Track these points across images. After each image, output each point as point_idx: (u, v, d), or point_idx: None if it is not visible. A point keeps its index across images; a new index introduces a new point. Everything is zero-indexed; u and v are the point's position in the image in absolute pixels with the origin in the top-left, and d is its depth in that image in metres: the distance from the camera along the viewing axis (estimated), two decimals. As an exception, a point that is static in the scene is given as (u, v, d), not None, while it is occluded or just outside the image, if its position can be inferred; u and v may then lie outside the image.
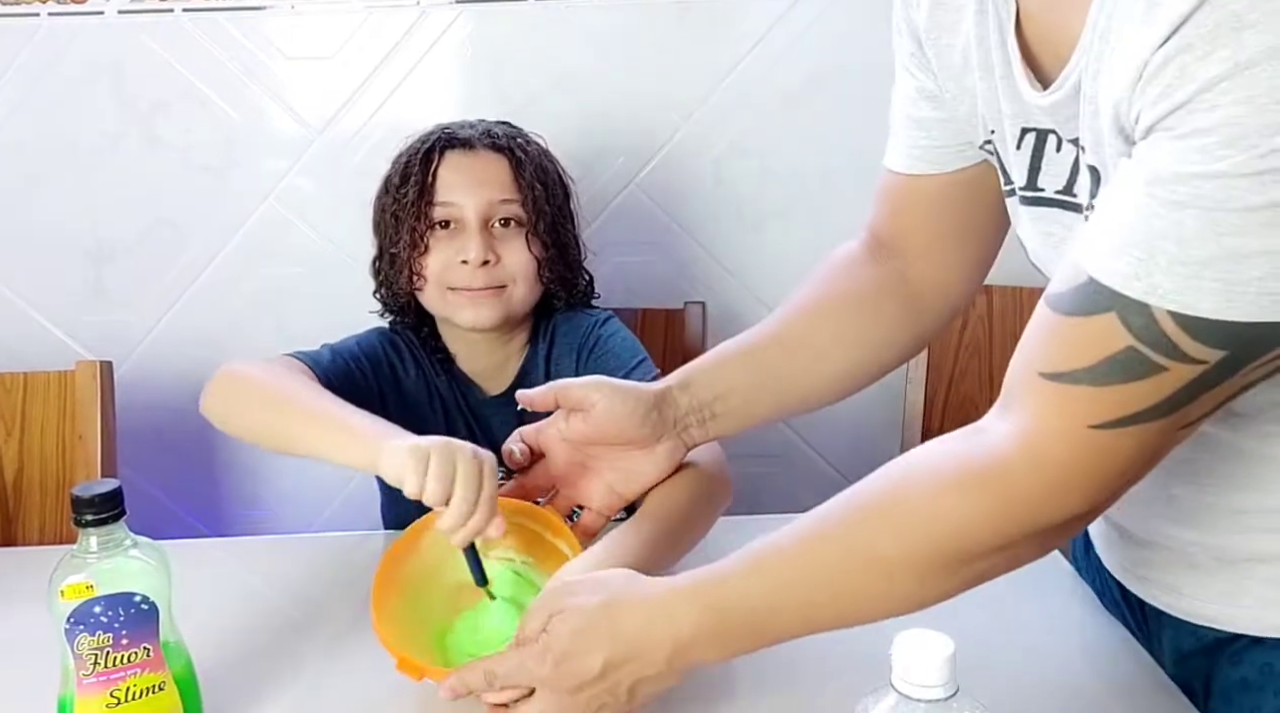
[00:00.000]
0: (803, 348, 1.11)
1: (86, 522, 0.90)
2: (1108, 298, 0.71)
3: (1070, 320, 0.74)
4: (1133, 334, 0.70)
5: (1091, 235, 0.73)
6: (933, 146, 1.03)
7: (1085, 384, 0.73)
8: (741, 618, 0.87)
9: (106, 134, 1.87)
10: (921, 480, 0.82)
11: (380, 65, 1.87)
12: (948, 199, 1.06)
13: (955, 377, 1.91)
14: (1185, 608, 0.97)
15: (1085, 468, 0.76)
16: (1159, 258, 0.68)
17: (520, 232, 1.45)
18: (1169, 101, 0.67)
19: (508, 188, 1.44)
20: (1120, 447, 0.74)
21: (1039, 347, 0.77)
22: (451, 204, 1.43)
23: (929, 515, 0.81)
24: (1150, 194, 0.68)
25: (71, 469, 1.62)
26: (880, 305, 1.12)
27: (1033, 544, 0.81)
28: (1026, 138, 0.88)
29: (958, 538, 0.80)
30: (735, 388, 1.11)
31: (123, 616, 0.91)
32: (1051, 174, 0.87)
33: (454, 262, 1.42)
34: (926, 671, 0.70)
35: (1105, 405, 0.73)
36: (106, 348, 1.89)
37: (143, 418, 1.92)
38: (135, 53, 1.84)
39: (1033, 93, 0.83)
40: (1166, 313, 0.68)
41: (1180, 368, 0.70)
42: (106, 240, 1.92)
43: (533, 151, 1.48)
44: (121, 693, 0.93)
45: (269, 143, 1.90)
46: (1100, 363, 0.72)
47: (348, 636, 1.16)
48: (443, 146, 1.45)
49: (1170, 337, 0.69)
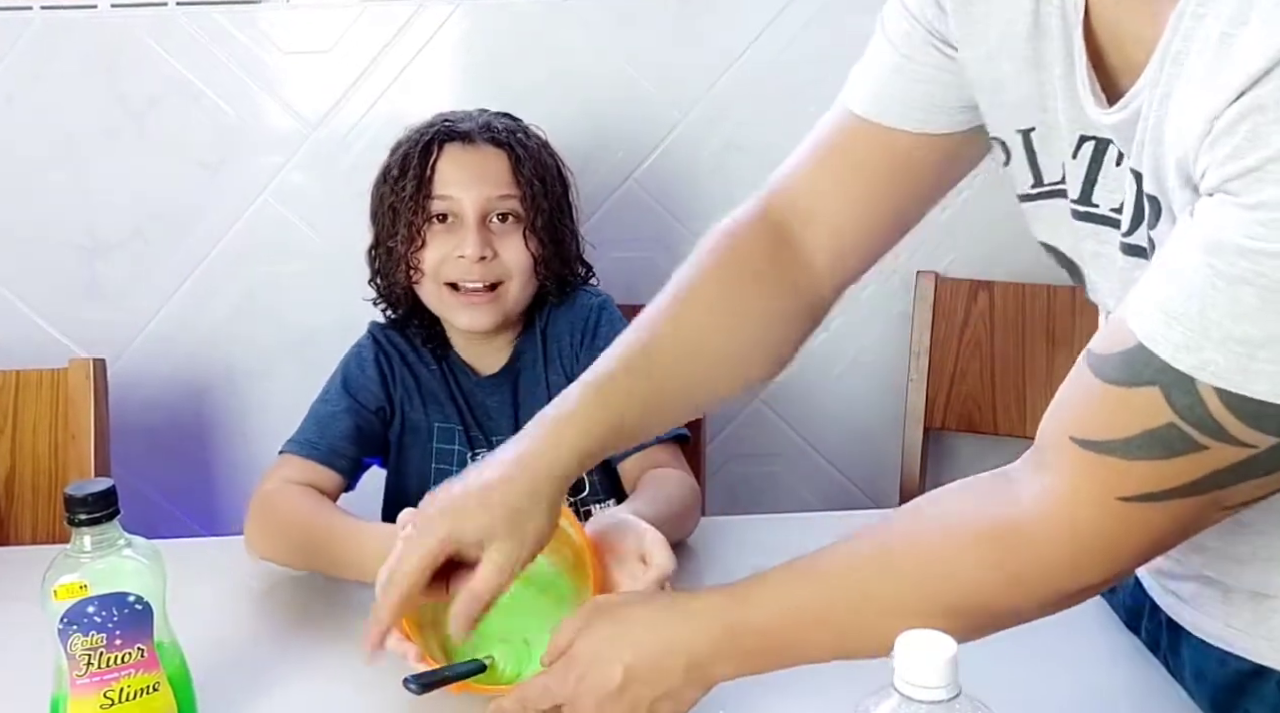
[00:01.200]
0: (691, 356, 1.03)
1: (80, 521, 0.90)
2: (1154, 369, 0.68)
3: (1112, 389, 0.72)
4: (1175, 410, 0.68)
5: (1144, 296, 0.71)
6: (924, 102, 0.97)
7: (1119, 455, 0.71)
8: (757, 642, 0.88)
9: (100, 129, 1.87)
10: (944, 530, 0.82)
11: (377, 59, 1.86)
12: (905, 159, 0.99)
13: (957, 375, 1.92)
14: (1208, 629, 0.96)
15: (1108, 540, 0.75)
16: (1213, 332, 0.66)
17: (518, 227, 1.46)
18: (1238, 164, 0.64)
19: (506, 184, 1.45)
20: (1148, 521, 0.73)
21: (1077, 410, 0.75)
22: (449, 199, 1.43)
23: (941, 573, 0.81)
24: (1209, 264, 0.66)
25: (64, 468, 1.62)
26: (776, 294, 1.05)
27: (1043, 608, 0.81)
28: (1085, 147, 0.84)
29: (968, 595, 0.80)
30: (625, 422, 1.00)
31: (116, 616, 0.91)
32: (1107, 190, 0.84)
33: (451, 256, 1.43)
34: (928, 672, 0.70)
35: (1138, 479, 0.71)
36: (100, 345, 1.88)
37: (136, 416, 1.92)
38: (129, 47, 1.84)
39: (1094, 106, 0.80)
40: (1214, 391, 0.66)
41: (1222, 449, 0.68)
42: (100, 236, 1.92)
43: (532, 146, 1.49)
44: (115, 694, 0.93)
45: (264, 138, 1.89)
46: (1138, 436, 0.70)
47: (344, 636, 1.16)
48: (442, 139, 1.46)
49: (1215, 417, 0.67)
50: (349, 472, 1.42)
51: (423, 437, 1.49)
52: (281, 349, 1.96)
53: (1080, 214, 0.88)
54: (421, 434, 1.49)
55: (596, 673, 0.89)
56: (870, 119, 0.99)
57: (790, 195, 1.06)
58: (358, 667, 1.11)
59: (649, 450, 1.40)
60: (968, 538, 0.80)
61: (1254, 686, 0.93)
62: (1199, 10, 0.67)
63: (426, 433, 1.49)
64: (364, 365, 1.48)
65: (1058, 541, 0.76)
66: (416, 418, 1.49)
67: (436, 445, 1.49)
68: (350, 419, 1.44)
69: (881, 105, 0.98)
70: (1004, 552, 0.78)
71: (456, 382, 1.51)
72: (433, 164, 1.44)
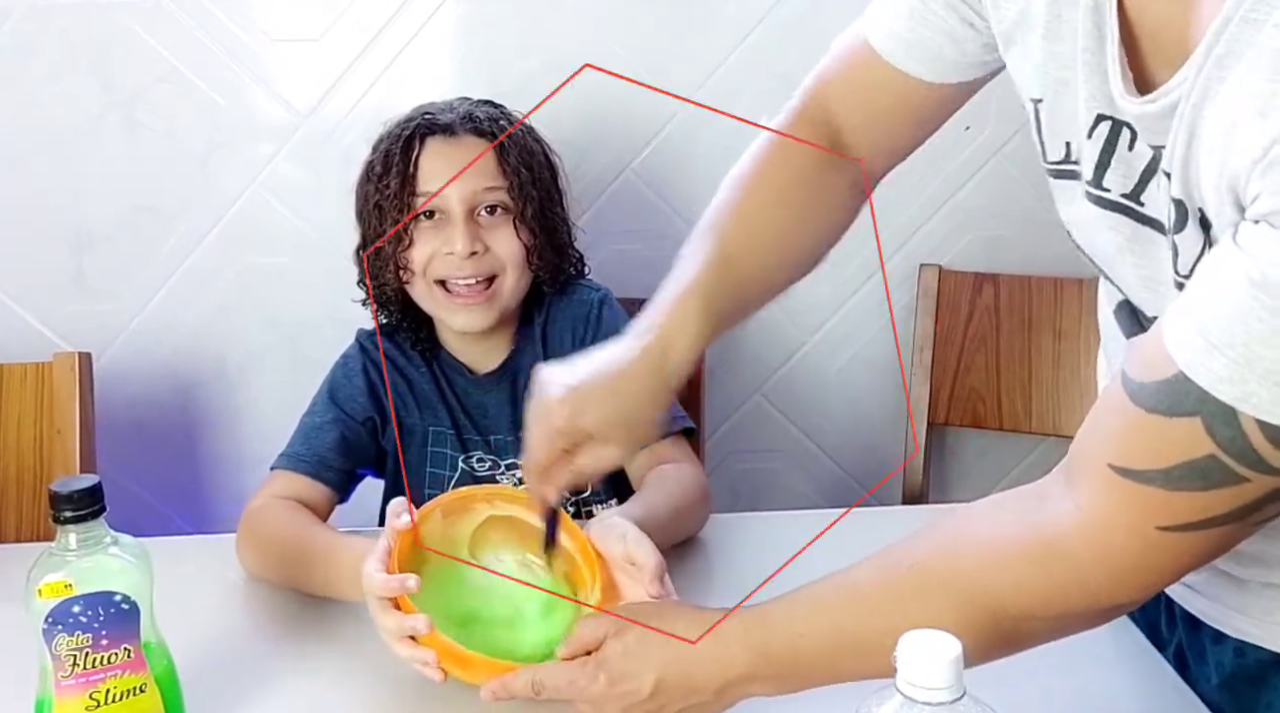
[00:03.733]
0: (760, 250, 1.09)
1: (65, 518, 0.90)
2: (1195, 400, 0.68)
3: (1151, 418, 0.71)
4: (1217, 443, 0.68)
5: (1185, 321, 0.70)
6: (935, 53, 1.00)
7: (1158, 486, 0.71)
8: (788, 668, 0.89)
9: (86, 118, 1.86)
10: (980, 547, 0.83)
11: (368, 47, 1.86)
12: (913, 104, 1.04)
13: (961, 370, 1.91)
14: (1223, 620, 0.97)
15: (1148, 564, 0.76)
16: (1256, 365, 0.65)
17: (508, 218, 1.45)
18: None
19: (492, 175, 1.44)
20: (1187, 547, 0.74)
21: (1114, 437, 0.75)
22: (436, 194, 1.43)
23: (983, 586, 0.81)
24: (1254, 296, 0.65)
25: (49, 464, 1.62)
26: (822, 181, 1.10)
27: (1078, 623, 0.82)
28: (1100, 127, 0.83)
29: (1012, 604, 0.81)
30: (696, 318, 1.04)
31: (102, 615, 0.91)
32: (1119, 174, 0.83)
33: (440, 253, 1.43)
34: (932, 673, 0.70)
35: (1177, 510, 0.72)
36: (85, 339, 1.88)
37: (123, 411, 1.92)
38: (115, 34, 1.83)
39: (1123, 91, 0.79)
40: (1256, 424, 0.66)
41: (1263, 480, 0.69)
42: (86, 228, 1.91)
43: (516, 133, 1.48)
44: (101, 695, 0.92)
45: (253, 128, 1.89)
46: (1177, 467, 0.70)
47: (335, 636, 1.16)
48: (423, 133, 1.45)
49: (1257, 450, 0.67)
50: (339, 485, 1.42)
51: (417, 441, 1.50)
52: (272, 343, 1.96)
53: (1092, 196, 0.88)
54: (416, 439, 1.49)
55: (628, 680, 0.91)
56: (885, 57, 1.02)
57: (822, 102, 1.11)
58: (347, 667, 1.11)
59: (655, 447, 1.40)
60: (1007, 555, 0.81)
61: (1274, 676, 0.93)
62: (1253, 16, 0.66)
63: (421, 437, 1.49)
64: (351, 376, 1.48)
65: (1095, 563, 0.77)
66: (411, 423, 1.49)
67: (431, 450, 1.49)
68: (337, 430, 1.43)
69: (897, 45, 1.01)
70: (1048, 569, 0.79)
71: (448, 383, 1.51)
72: (415, 160, 1.43)
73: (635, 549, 1.07)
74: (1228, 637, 0.97)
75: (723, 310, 1.04)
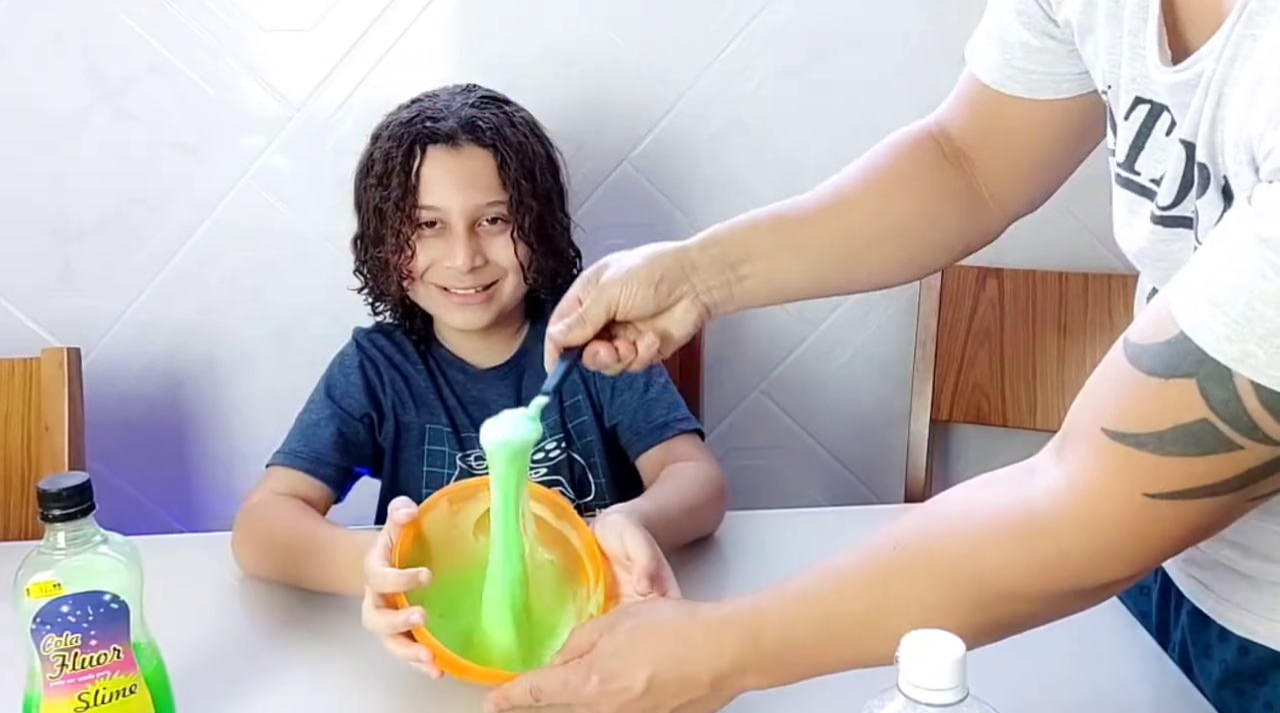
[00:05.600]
0: (851, 229, 1.11)
1: (53, 517, 0.90)
2: (1193, 361, 0.68)
3: (1147, 380, 0.71)
4: (1210, 407, 0.68)
5: (1190, 283, 0.70)
6: (1027, 70, 1.01)
7: (1150, 450, 0.71)
8: (780, 655, 0.90)
9: (74, 109, 1.86)
10: (963, 533, 0.82)
11: (362, 37, 1.85)
12: (1031, 126, 1.05)
13: (965, 365, 1.91)
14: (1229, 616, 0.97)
15: (1136, 535, 0.75)
16: (1257, 324, 0.65)
17: (507, 228, 1.47)
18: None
19: (493, 189, 1.45)
20: (1176, 518, 0.73)
21: (1109, 401, 0.75)
22: (436, 208, 1.44)
23: (965, 565, 0.81)
24: (1261, 254, 0.65)
25: (37, 462, 1.62)
26: (941, 204, 1.12)
27: (1067, 602, 0.81)
28: (1138, 109, 0.84)
29: (995, 581, 0.80)
30: (765, 252, 1.11)
31: (92, 615, 0.91)
32: (1153, 159, 0.84)
33: (440, 262, 1.45)
34: (935, 673, 0.70)
35: (1168, 476, 0.71)
36: (74, 334, 1.88)
37: (112, 408, 1.92)
38: (103, 23, 1.83)
39: (1159, 64, 0.79)
40: (1251, 387, 0.66)
41: (1257, 449, 0.68)
42: (74, 221, 1.91)
43: (517, 139, 1.47)
44: (90, 696, 0.93)
45: (245, 119, 1.89)
46: (1170, 431, 0.70)
47: (329, 635, 1.16)
48: (424, 142, 1.45)
49: (1251, 415, 0.67)
50: (336, 482, 1.43)
51: (415, 439, 1.50)
52: (263, 338, 1.96)
53: (1121, 179, 0.88)
54: (414, 436, 1.50)
55: (620, 679, 0.92)
56: (995, 88, 1.04)
57: (950, 135, 1.13)
58: (340, 667, 1.12)
59: (668, 444, 1.43)
60: (988, 532, 0.81)
61: (1275, 675, 0.94)
62: None
63: (419, 435, 1.50)
64: (347, 373, 1.49)
65: (1079, 534, 0.76)
66: (409, 420, 1.50)
67: (428, 448, 1.50)
68: (334, 426, 1.45)
69: (1002, 77, 1.03)
70: (1032, 543, 0.78)
71: (446, 381, 1.52)
72: (417, 171, 1.43)
73: (630, 544, 1.07)
74: (1232, 635, 0.97)
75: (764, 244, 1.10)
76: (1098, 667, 1.08)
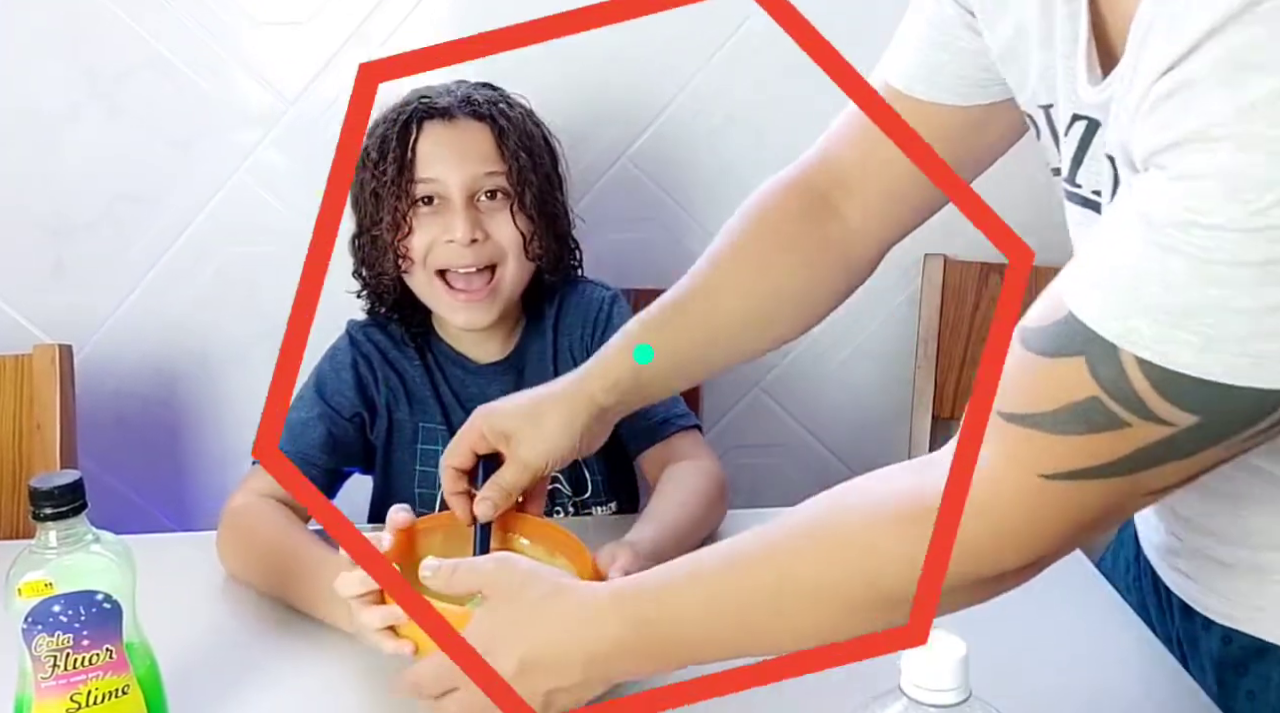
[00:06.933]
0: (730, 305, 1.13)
1: (45, 515, 0.90)
2: (1081, 339, 0.69)
3: (1039, 360, 0.73)
4: (1099, 384, 0.69)
5: (1081, 268, 0.73)
6: (956, 75, 1.02)
7: (1043, 430, 0.72)
8: (664, 637, 0.88)
9: (65, 103, 1.86)
10: (859, 511, 0.82)
11: (357, 30, 1.85)
12: (940, 132, 1.05)
13: (966, 362, 1.92)
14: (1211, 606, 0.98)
15: (1028, 518, 0.75)
16: (1141, 300, 0.67)
17: (507, 204, 1.45)
18: (1166, 136, 0.65)
19: (492, 159, 1.44)
20: (1070, 501, 0.74)
21: (1005, 386, 0.76)
22: (434, 181, 1.43)
23: (862, 549, 0.81)
24: (1141, 234, 0.67)
25: (29, 460, 1.62)
26: (813, 256, 1.13)
27: (962, 593, 0.80)
28: (1076, 125, 0.86)
29: (888, 576, 0.80)
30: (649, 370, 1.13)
31: (83, 615, 0.91)
32: (1091, 172, 0.86)
33: (440, 240, 1.43)
34: (937, 674, 0.70)
35: (1060, 455, 0.72)
36: (66, 331, 1.87)
37: (105, 405, 1.92)
38: (95, 17, 1.83)
39: (1086, 82, 0.81)
40: (1137, 364, 0.67)
41: (1145, 427, 0.69)
42: (66, 216, 1.91)
43: (516, 116, 1.48)
44: (82, 697, 0.92)
45: (238, 113, 1.88)
46: (1061, 410, 0.71)
47: (321, 636, 1.16)
48: (420, 117, 1.44)
49: (1138, 392, 0.68)
50: (324, 483, 1.40)
51: (407, 438, 1.49)
52: (257, 335, 1.95)
53: (1068, 194, 0.90)
54: (406, 435, 1.49)
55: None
56: (907, 93, 1.05)
57: (831, 164, 1.13)
58: (333, 669, 1.11)
59: (668, 442, 1.42)
60: (886, 519, 0.80)
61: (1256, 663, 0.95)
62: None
63: (411, 434, 1.49)
64: (339, 370, 1.47)
65: (977, 518, 0.76)
66: (402, 418, 1.48)
67: (421, 447, 1.48)
68: (323, 426, 1.42)
69: (917, 79, 1.05)
70: (921, 532, 0.77)
71: (443, 377, 1.50)
72: (413, 145, 1.43)
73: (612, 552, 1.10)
74: (1215, 624, 0.98)
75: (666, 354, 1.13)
76: (1101, 667, 1.08)
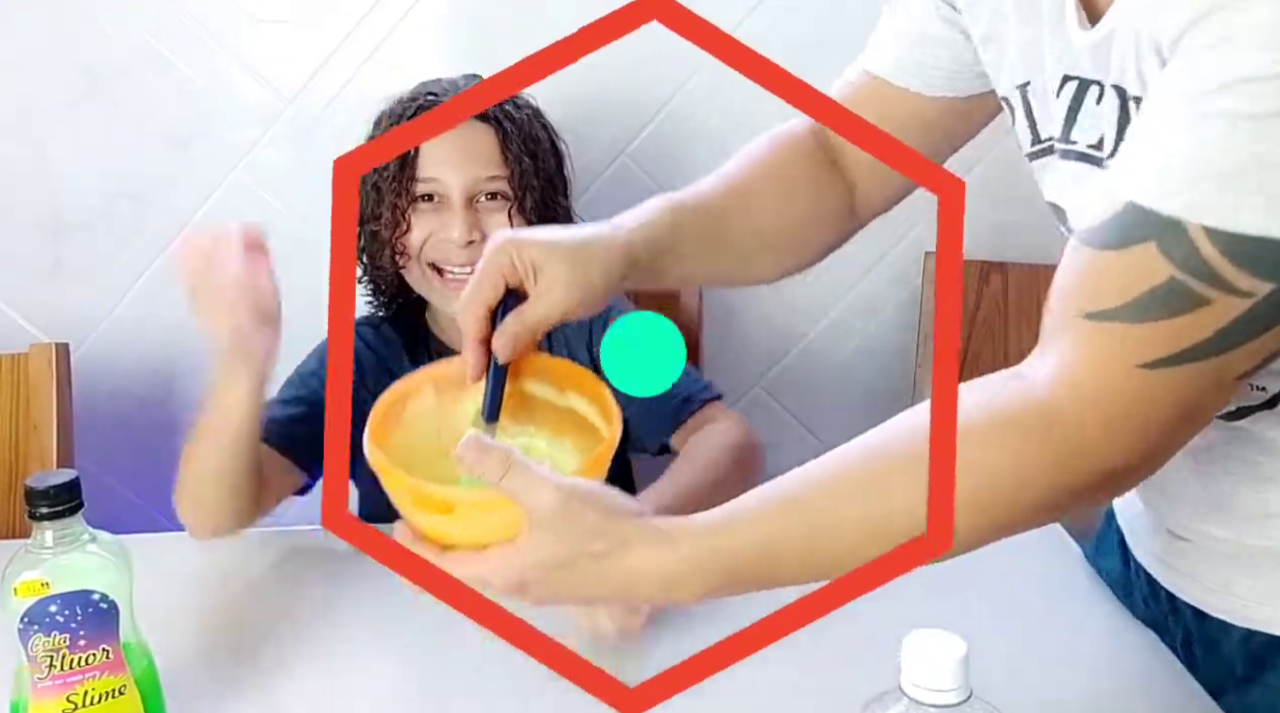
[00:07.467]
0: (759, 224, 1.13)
1: (41, 515, 0.90)
2: (1144, 225, 0.70)
3: (1107, 254, 0.73)
4: (1174, 264, 0.69)
5: (1127, 160, 0.74)
6: (933, 67, 1.06)
7: (1129, 321, 0.72)
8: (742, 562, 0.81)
9: (63, 101, 1.86)
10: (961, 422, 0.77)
11: (356, 27, 1.85)
12: (920, 121, 1.09)
13: (969, 359, 1.91)
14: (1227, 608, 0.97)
15: (1137, 409, 0.74)
16: (1196, 170, 0.68)
17: (507, 207, 1.45)
18: (1200, 7, 0.67)
19: (494, 163, 1.44)
20: (1171, 387, 0.73)
21: (1076, 285, 0.76)
22: (434, 180, 1.43)
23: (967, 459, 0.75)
24: (1182, 111, 0.69)
25: (25, 459, 1.62)
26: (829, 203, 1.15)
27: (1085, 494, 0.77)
28: (1067, 86, 0.88)
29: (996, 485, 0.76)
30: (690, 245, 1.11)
31: (80, 615, 0.91)
32: (1086, 127, 0.87)
33: (436, 236, 1.43)
34: (937, 674, 0.70)
35: (1151, 343, 0.72)
36: (63, 329, 1.87)
37: (102, 404, 1.92)
38: (93, 14, 1.83)
39: (1079, 32, 0.83)
40: (1205, 235, 0.68)
41: (1226, 300, 0.69)
42: (63, 215, 1.91)
43: (522, 118, 1.48)
44: (79, 698, 0.92)
45: (236, 111, 1.88)
46: (1142, 297, 0.71)
47: (318, 635, 1.16)
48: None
49: (1212, 264, 0.68)
50: (299, 459, 1.36)
51: None
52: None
53: (1063, 152, 0.91)
54: None
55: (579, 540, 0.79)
56: (889, 81, 1.09)
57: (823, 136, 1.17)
58: (332, 669, 1.11)
59: (698, 416, 1.41)
60: (990, 427, 0.76)
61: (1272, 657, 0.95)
62: None
63: None
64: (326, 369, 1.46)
65: (1089, 410, 0.74)
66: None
67: None
68: (303, 409, 1.39)
69: (899, 69, 1.08)
70: (1033, 438, 0.75)
71: None
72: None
73: None
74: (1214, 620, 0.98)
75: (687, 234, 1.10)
76: (1102, 667, 1.08)
